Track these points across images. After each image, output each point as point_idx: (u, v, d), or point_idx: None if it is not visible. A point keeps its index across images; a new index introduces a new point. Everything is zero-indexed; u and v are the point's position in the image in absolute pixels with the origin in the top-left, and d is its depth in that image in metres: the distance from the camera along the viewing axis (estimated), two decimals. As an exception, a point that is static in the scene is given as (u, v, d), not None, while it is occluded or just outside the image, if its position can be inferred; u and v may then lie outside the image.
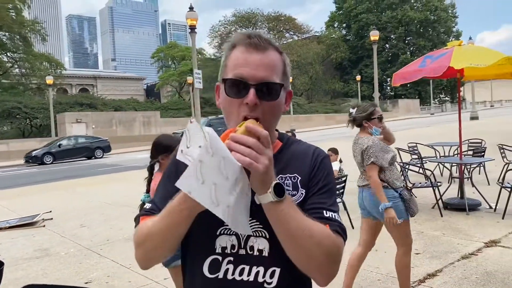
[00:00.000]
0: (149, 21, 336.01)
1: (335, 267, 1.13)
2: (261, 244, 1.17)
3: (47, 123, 33.46)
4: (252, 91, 1.12)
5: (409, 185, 6.93)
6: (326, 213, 1.16)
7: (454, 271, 4.30)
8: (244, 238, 1.17)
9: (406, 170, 7.35)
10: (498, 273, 4.14)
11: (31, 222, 7.74)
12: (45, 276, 5.03)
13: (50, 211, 8.54)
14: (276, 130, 1.30)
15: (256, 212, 1.09)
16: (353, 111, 3.75)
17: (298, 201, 1.18)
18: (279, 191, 1.02)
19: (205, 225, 1.14)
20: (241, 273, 1.16)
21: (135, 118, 38.13)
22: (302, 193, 1.21)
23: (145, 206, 1.29)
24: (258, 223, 1.16)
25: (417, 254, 4.85)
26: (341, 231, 1.15)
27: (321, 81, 66.74)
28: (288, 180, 1.21)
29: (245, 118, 1.12)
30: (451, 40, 35.54)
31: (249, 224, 1.11)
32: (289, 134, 8.06)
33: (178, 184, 0.95)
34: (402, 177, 3.58)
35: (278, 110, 1.20)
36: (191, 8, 16.85)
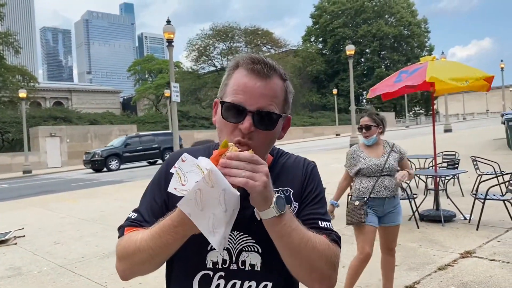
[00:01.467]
0: (125, 34, 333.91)
1: (335, 276, 1.15)
2: (253, 259, 1.17)
3: (20, 137, 32.64)
4: (248, 119, 1.11)
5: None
6: (322, 223, 1.19)
7: (431, 282, 4.35)
8: (236, 253, 1.17)
9: (383, 182, 7.42)
10: (474, 284, 4.21)
11: (2, 240, 7.47)
12: (16, 296, 4.86)
13: (22, 228, 8.29)
14: None
15: (249, 226, 1.11)
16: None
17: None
18: (280, 205, 1.02)
19: (195, 240, 1.13)
20: None
21: (111, 131, 37.60)
22: (295, 206, 1.22)
23: (129, 216, 1.25)
24: (250, 237, 1.17)
25: (396, 266, 4.89)
26: (338, 240, 1.18)
27: (299, 94, 67.37)
28: (280, 193, 1.19)
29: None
30: (425, 55, 36.50)
31: (241, 238, 1.14)
32: None
33: (179, 204, 0.93)
34: (369, 191, 3.71)
35: (273, 138, 1.20)
36: (168, 22, 16.82)
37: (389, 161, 3.81)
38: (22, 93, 28.50)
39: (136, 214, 1.23)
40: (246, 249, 1.17)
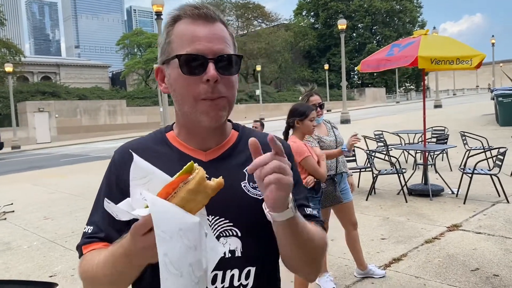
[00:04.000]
0: (114, 7, 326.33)
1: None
2: (232, 244, 1.06)
3: (7, 112, 32.14)
4: (211, 66, 1.00)
5: (375, 172, 7.07)
6: (307, 210, 1.13)
7: (418, 255, 4.43)
8: None
9: (372, 157, 7.48)
10: (459, 256, 4.30)
11: (-9, 215, 7.44)
12: (7, 270, 4.86)
13: (12, 203, 8.25)
14: (229, 121, 1.19)
15: (224, 208, 1.01)
16: None
17: None
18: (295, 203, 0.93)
19: None
20: (214, 281, 1.04)
21: (100, 107, 37.23)
22: None
23: (85, 230, 1.11)
24: (227, 221, 1.06)
25: (383, 239, 4.97)
26: (323, 226, 1.14)
27: (290, 70, 66.95)
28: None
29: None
30: (416, 30, 36.36)
31: (218, 223, 1.05)
32: (258, 123, 7.95)
33: None
34: (334, 168, 3.75)
35: (237, 85, 1.09)
36: (157, -6, 16.43)
37: (338, 135, 3.88)
38: (8, 67, 27.94)
39: (91, 227, 1.10)
40: (224, 234, 1.06)
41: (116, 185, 1.11)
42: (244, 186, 1.09)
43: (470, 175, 6.37)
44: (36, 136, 32.88)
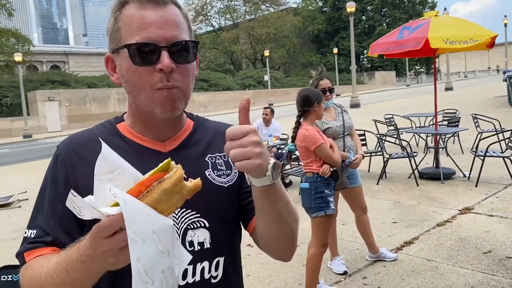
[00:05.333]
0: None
1: None
2: (200, 236, 1.02)
3: (18, 101, 32.44)
4: (165, 54, 0.92)
5: (386, 156, 7.03)
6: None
7: (430, 238, 4.42)
8: (181, 234, 1.00)
9: (383, 141, 7.44)
10: (472, 239, 4.28)
11: (6, 203, 7.57)
12: (22, 257, 4.96)
13: (25, 192, 8.36)
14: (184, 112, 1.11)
15: (192, 200, 0.86)
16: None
17: (233, 181, 1.08)
18: (275, 174, 0.88)
19: None
20: (184, 276, 0.99)
21: (109, 95, 37.32)
22: (235, 172, 1.09)
23: (25, 235, 0.98)
24: (194, 212, 1.01)
25: (394, 223, 4.96)
26: None
27: (298, 54, 66.37)
28: (219, 159, 1.08)
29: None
30: (427, 11, 35.69)
31: (184, 215, 1.00)
32: (268, 110, 7.89)
33: None
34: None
35: (193, 74, 1.02)
36: (163, -20, 16.34)
37: (346, 120, 3.82)
38: (18, 57, 28.09)
39: (34, 231, 0.97)
40: (192, 227, 1.01)
41: (63, 182, 1.00)
42: (209, 174, 1.05)
43: (482, 157, 6.31)
44: (47, 125, 33.17)
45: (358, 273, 3.81)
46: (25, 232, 0.99)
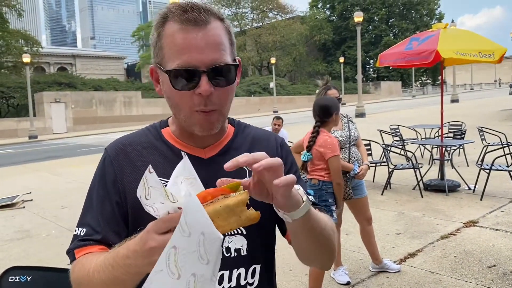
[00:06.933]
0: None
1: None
2: (237, 243, 1.04)
3: (25, 102, 32.69)
4: (204, 79, 0.93)
5: (391, 166, 7.02)
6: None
7: (434, 250, 4.40)
8: None
9: (388, 152, 7.43)
10: (476, 252, 4.26)
11: (11, 203, 7.60)
12: (26, 258, 4.97)
13: (30, 192, 8.41)
14: None
15: None
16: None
17: None
18: (309, 196, 0.87)
19: None
20: (220, 281, 1.01)
21: (116, 98, 37.51)
22: None
23: (75, 233, 1.02)
24: None
25: (398, 234, 4.95)
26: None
27: (304, 63, 66.54)
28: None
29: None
30: (434, 23, 35.72)
31: None
32: (279, 121, 7.85)
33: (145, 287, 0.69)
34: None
35: (233, 91, 1.03)
36: (173, -14, 16.47)
37: (352, 131, 3.83)
38: (26, 58, 28.29)
39: (84, 229, 1.01)
40: (229, 233, 1.02)
41: (112, 183, 1.03)
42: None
43: (487, 171, 6.29)
44: (52, 126, 33.34)
45: (361, 284, 3.80)
46: (75, 230, 1.03)
